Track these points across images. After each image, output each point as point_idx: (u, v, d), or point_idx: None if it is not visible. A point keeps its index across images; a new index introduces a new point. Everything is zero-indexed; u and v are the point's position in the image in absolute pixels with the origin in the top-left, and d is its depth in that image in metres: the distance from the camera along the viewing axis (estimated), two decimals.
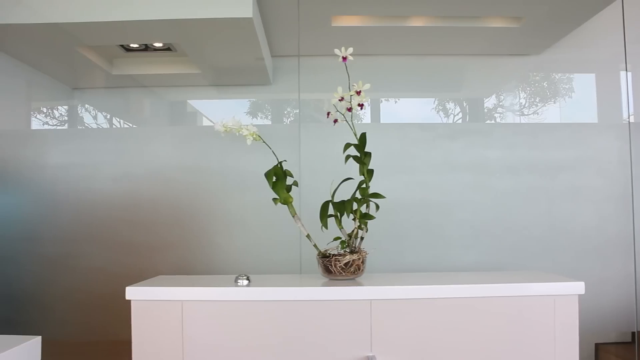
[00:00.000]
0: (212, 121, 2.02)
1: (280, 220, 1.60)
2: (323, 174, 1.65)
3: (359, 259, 1.33)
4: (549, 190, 1.81)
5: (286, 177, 1.37)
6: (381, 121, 2.03)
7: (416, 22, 1.91)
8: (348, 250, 1.35)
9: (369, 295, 1.24)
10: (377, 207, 1.37)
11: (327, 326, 1.24)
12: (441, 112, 2.03)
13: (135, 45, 1.88)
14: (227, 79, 2.03)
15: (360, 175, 1.37)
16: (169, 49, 1.89)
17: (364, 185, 1.36)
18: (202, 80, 2.02)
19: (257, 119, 2.02)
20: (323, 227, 1.35)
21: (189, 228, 1.77)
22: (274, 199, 1.36)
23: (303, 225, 1.38)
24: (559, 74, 2.05)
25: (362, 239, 1.36)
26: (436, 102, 2.03)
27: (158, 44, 1.87)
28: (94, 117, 2.02)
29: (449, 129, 1.86)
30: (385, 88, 2.01)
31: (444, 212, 1.79)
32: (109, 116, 2.03)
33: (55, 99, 2.02)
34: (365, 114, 1.99)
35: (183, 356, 1.24)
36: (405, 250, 1.79)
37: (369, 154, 1.36)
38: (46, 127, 2.00)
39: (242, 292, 1.25)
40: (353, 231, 1.36)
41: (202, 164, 1.80)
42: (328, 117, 1.38)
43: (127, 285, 1.26)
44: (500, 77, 2.06)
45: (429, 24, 1.90)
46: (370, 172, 1.37)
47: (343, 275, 1.33)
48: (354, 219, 1.36)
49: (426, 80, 2.07)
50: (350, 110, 1.34)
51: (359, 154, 1.37)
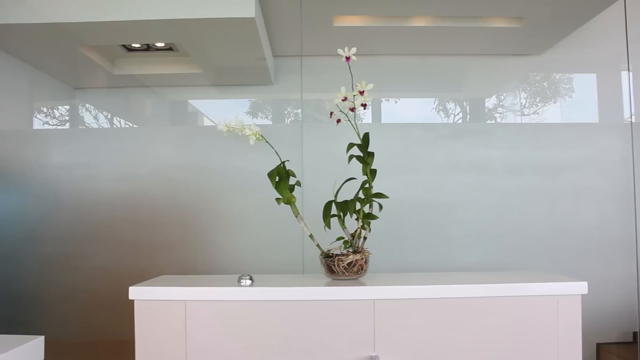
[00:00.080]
0: (212, 121, 2.02)
1: (283, 220, 1.60)
2: (325, 174, 1.66)
3: (362, 258, 1.33)
4: (551, 190, 1.81)
5: (289, 177, 1.37)
6: (382, 121, 2.04)
7: (418, 22, 1.91)
8: (351, 250, 1.35)
9: (372, 295, 1.24)
10: (380, 207, 1.37)
11: (331, 326, 1.24)
12: (441, 112, 2.03)
13: (137, 45, 1.88)
14: (228, 78, 2.03)
15: (363, 175, 1.37)
16: (170, 48, 1.89)
17: (367, 185, 1.36)
18: (203, 80, 2.02)
19: (257, 118, 2.02)
20: (326, 227, 1.35)
21: (191, 228, 1.77)
22: (277, 199, 1.36)
23: (306, 225, 1.38)
24: (559, 74, 2.05)
25: (365, 238, 1.36)
26: (436, 102, 2.03)
27: (160, 44, 1.87)
28: (96, 117, 2.01)
29: (451, 129, 1.86)
30: (386, 88, 2.01)
31: (446, 212, 1.79)
32: (109, 116, 2.02)
33: (57, 99, 2.01)
34: (366, 114, 1.98)
35: (186, 356, 1.23)
36: (407, 250, 1.79)
37: (372, 154, 1.36)
38: (48, 127, 2.00)
39: (245, 292, 1.25)
40: (356, 231, 1.35)
41: (204, 163, 1.80)
42: (331, 117, 1.37)
43: (129, 285, 1.26)
44: (502, 77, 2.06)
45: (430, 24, 1.90)
46: (373, 172, 1.36)
47: (346, 275, 1.33)
48: (357, 219, 1.36)
49: (427, 80, 2.06)
50: (353, 110, 1.34)
51: (361, 154, 1.37)
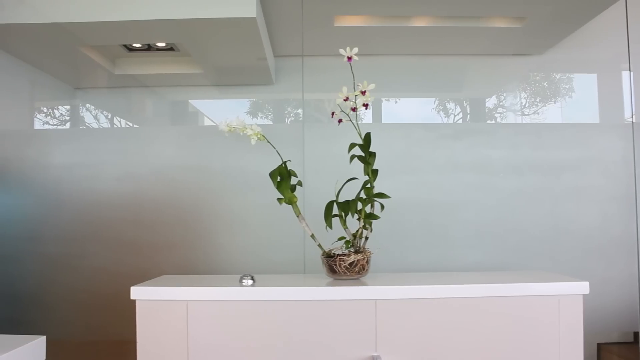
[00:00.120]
0: (213, 121, 2.01)
1: (284, 220, 1.60)
2: (326, 174, 1.66)
3: (363, 258, 1.33)
4: (552, 190, 1.81)
5: (290, 177, 1.37)
6: (382, 121, 2.03)
7: (419, 22, 1.90)
8: (352, 250, 1.35)
9: (373, 295, 1.24)
10: (382, 207, 1.37)
11: (332, 326, 1.24)
12: (441, 112, 2.02)
13: (138, 45, 1.87)
14: (229, 78, 2.03)
15: (365, 175, 1.37)
16: (171, 48, 1.89)
17: (368, 185, 1.36)
18: (204, 80, 2.02)
19: (257, 118, 2.01)
20: (327, 227, 1.35)
21: (192, 228, 1.77)
22: (279, 199, 1.36)
23: (307, 225, 1.38)
24: (559, 74, 2.04)
25: (366, 238, 1.36)
26: (436, 102, 2.03)
27: (161, 44, 1.87)
28: (96, 117, 2.01)
29: (452, 129, 1.86)
30: (387, 88, 2.01)
31: (447, 212, 1.79)
32: (110, 116, 2.02)
33: (57, 99, 2.01)
34: (367, 114, 1.98)
35: (188, 356, 1.23)
36: (408, 250, 1.78)
37: (373, 154, 1.36)
38: (49, 127, 2.00)
39: (247, 292, 1.25)
40: (358, 231, 1.35)
41: (205, 163, 1.80)
42: (333, 116, 1.37)
43: (130, 285, 1.26)
44: (503, 77, 2.06)
45: (431, 24, 1.90)
46: (375, 172, 1.37)
47: (348, 275, 1.33)
48: (358, 219, 1.36)
49: (428, 80, 2.06)
50: (354, 110, 1.34)
51: (363, 154, 1.37)
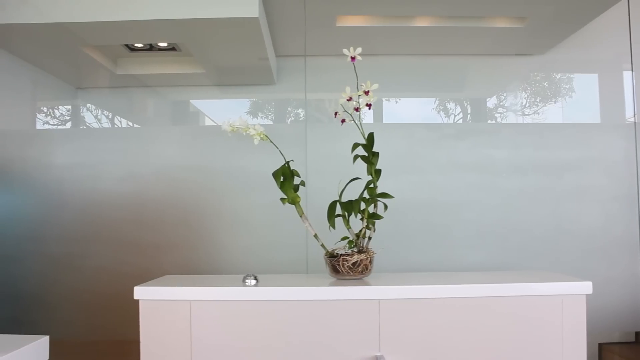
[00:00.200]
0: (214, 121, 2.01)
1: (286, 220, 1.60)
2: (329, 173, 1.65)
3: (366, 258, 1.33)
4: (555, 190, 1.81)
5: (293, 177, 1.37)
6: (383, 121, 2.03)
7: (420, 22, 1.90)
8: (356, 250, 1.35)
9: (377, 295, 1.24)
10: (386, 207, 1.37)
11: (336, 326, 1.24)
12: (442, 112, 2.03)
13: (140, 45, 1.87)
14: (231, 78, 2.02)
15: (368, 175, 1.37)
16: (173, 48, 1.89)
17: (371, 185, 1.36)
18: (206, 80, 2.02)
19: (257, 118, 2.01)
20: (330, 227, 1.35)
21: (194, 228, 1.77)
22: (282, 199, 1.36)
23: (311, 225, 1.38)
24: (559, 74, 2.05)
25: (369, 238, 1.36)
26: (437, 102, 2.03)
27: (163, 44, 1.86)
28: (98, 117, 2.01)
29: (454, 129, 1.86)
30: (389, 88, 2.01)
31: (450, 212, 1.79)
32: (110, 115, 2.02)
33: (59, 99, 2.01)
34: (368, 114, 1.98)
35: (191, 356, 1.23)
36: (410, 250, 1.79)
37: (376, 154, 1.36)
38: (50, 127, 1.99)
39: (250, 292, 1.25)
40: (361, 231, 1.35)
41: (208, 163, 1.80)
42: (336, 116, 1.37)
43: (133, 285, 1.25)
44: (504, 77, 2.06)
45: (433, 24, 1.90)
46: (378, 172, 1.37)
47: (351, 275, 1.33)
48: (361, 219, 1.36)
49: (430, 80, 2.06)
50: (358, 110, 1.34)
51: (366, 154, 1.37)
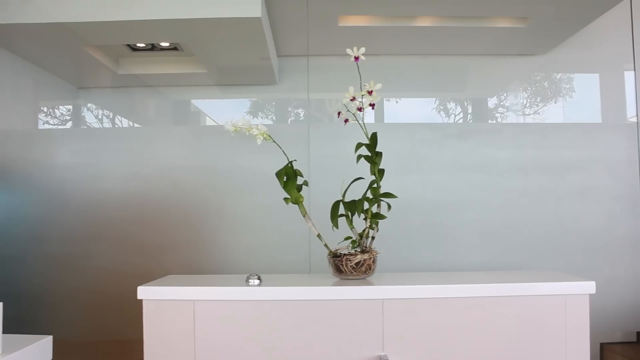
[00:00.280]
0: (215, 121, 2.01)
1: (289, 220, 1.60)
2: (331, 173, 1.66)
3: (370, 258, 1.33)
4: (557, 190, 1.81)
5: (297, 177, 1.37)
6: (385, 121, 2.04)
7: (422, 22, 1.90)
8: (359, 250, 1.35)
9: (380, 295, 1.24)
10: (389, 206, 1.37)
11: (339, 326, 1.24)
12: (442, 112, 2.03)
13: (142, 45, 1.87)
14: (232, 78, 2.02)
15: (371, 174, 1.37)
16: (175, 48, 1.89)
17: (375, 185, 1.36)
18: (207, 79, 2.02)
19: (257, 118, 2.01)
20: (334, 227, 1.35)
21: (196, 228, 1.77)
22: (285, 199, 1.36)
23: (314, 225, 1.38)
24: (560, 74, 2.05)
25: (373, 238, 1.36)
26: (437, 102, 2.03)
27: (164, 44, 1.86)
28: (100, 117, 2.01)
29: (456, 129, 1.86)
30: (390, 88, 2.01)
31: (452, 212, 1.79)
32: (111, 115, 2.02)
33: (61, 99, 2.01)
34: (369, 114, 1.98)
35: (195, 355, 1.23)
36: (413, 250, 1.79)
37: (379, 154, 1.36)
38: (53, 127, 1.99)
39: (253, 291, 1.25)
40: (364, 231, 1.35)
41: (210, 163, 1.80)
42: (339, 116, 1.38)
43: (135, 285, 1.25)
44: (506, 77, 2.07)
45: (435, 24, 1.90)
46: (381, 172, 1.37)
47: (354, 275, 1.33)
48: (365, 219, 1.36)
49: (431, 80, 2.06)
50: (361, 110, 1.34)
51: (369, 154, 1.37)
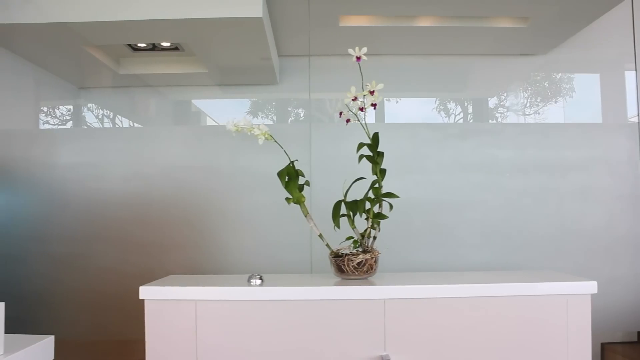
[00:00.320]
0: (215, 121, 2.01)
1: (290, 220, 1.60)
2: (333, 173, 1.66)
3: (371, 258, 1.33)
4: (558, 190, 1.81)
5: (298, 177, 1.37)
6: (385, 121, 2.04)
7: (423, 22, 1.90)
8: (361, 250, 1.35)
9: (382, 295, 1.24)
10: (391, 206, 1.37)
11: (341, 326, 1.24)
12: (442, 112, 2.03)
13: (143, 45, 1.87)
14: (233, 78, 2.02)
15: (373, 174, 1.37)
16: (176, 48, 1.88)
17: (376, 185, 1.36)
18: (208, 79, 2.02)
19: (257, 118, 2.01)
20: (335, 227, 1.35)
21: (198, 228, 1.77)
22: (287, 199, 1.36)
23: (315, 225, 1.38)
24: (560, 74, 2.05)
25: (374, 238, 1.36)
26: (437, 102, 2.03)
27: (166, 44, 1.86)
28: (100, 117, 2.01)
29: (457, 129, 1.86)
30: (391, 88, 2.00)
31: (454, 212, 1.79)
32: (111, 115, 2.02)
33: (62, 98, 2.01)
34: (370, 113, 1.98)
35: (196, 355, 1.23)
36: (415, 250, 1.79)
37: (381, 154, 1.36)
38: (54, 126, 1.99)
39: (255, 291, 1.25)
40: (366, 231, 1.35)
41: (211, 163, 1.80)
42: (340, 116, 1.38)
43: (137, 285, 1.25)
44: (506, 77, 2.07)
45: (436, 24, 1.90)
46: (383, 172, 1.37)
47: (356, 275, 1.33)
48: (366, 219, 1.36)
49: (432, 80, 2.06)
50: (362, 110, 1.34)
51: (371, 154, 1.37)
